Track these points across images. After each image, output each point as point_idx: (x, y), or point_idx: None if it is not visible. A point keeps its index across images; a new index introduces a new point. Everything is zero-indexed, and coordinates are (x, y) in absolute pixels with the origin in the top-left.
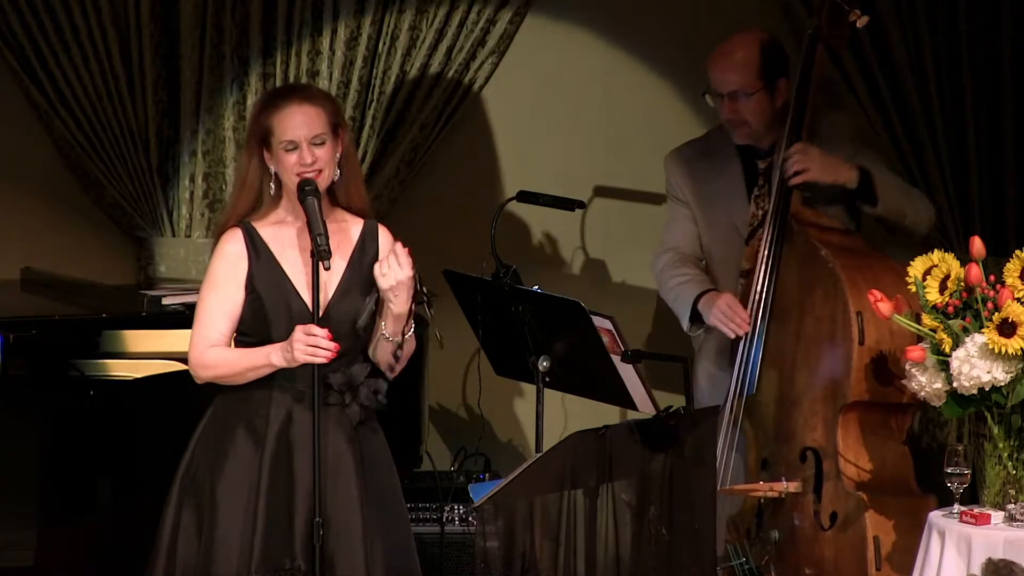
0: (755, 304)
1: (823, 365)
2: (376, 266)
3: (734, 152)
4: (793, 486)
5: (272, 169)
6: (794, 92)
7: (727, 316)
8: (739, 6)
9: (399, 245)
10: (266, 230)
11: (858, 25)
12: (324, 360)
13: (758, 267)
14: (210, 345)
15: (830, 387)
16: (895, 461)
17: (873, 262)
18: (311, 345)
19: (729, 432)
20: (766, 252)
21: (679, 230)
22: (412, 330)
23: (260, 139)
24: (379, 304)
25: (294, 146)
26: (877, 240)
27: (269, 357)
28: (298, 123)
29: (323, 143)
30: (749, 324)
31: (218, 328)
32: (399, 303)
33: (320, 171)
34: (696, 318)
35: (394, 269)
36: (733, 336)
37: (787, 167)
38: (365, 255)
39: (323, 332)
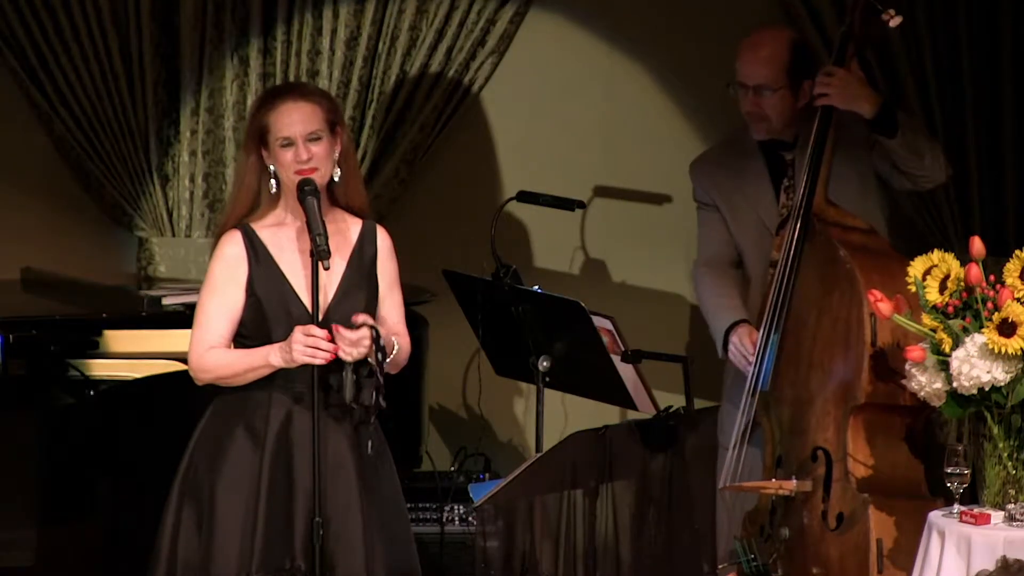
0: (773, 301)
1: (837, 366)
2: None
3: (756, 149)
4: (803, 485)
5: (271, 168)
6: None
7: (736, 349)
8: (740, 7)
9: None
10: (265, 232)
11: (891, 25)
12: (323, 361)
13: (779, 264)
14: (209, 348)
15: (842, 388)
16: (905, 464)
17: (892, 263)
18: (310, 346)
19: (740, 427)
20: (787, 250)
21: (712, 237)
22: (394, 352)
23: (258, 137)
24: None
25: (289, 142)
26: (894, 242)
27: (268, 358)
28: (293, 119)
29: (319, 139)
30: (750, 363)
31: (218, 331)
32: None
33: (316, 168)
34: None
35: (356, 346)
36: (742, 370)
37: (815, 89)
38: (364, 255)
39: (322, 333)
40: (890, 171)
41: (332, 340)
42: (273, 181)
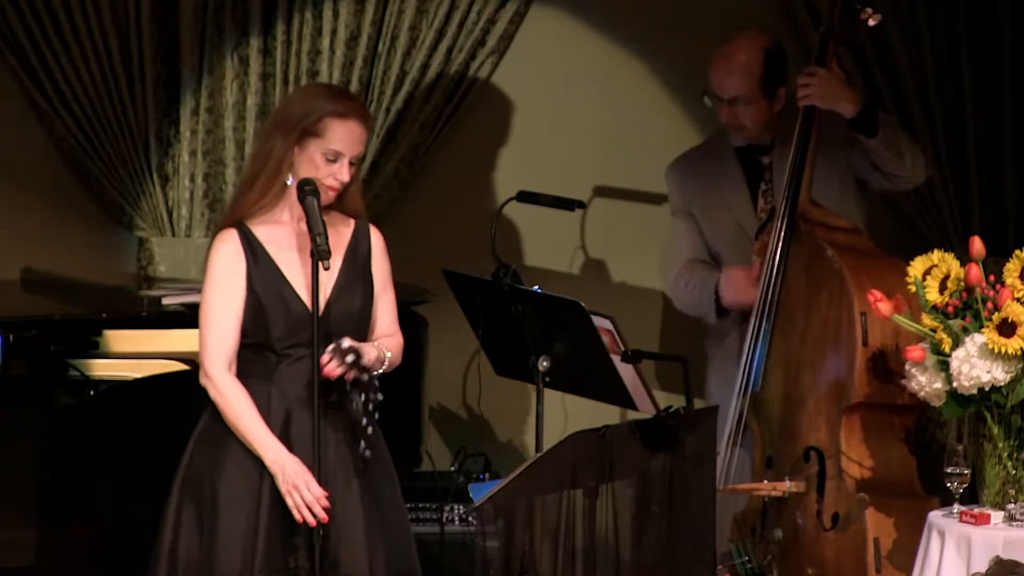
0: (761, 302)
1: (827, 365)
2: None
3: (732, 154)
4: (796, 486)
5: (292, 162)
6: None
7: (735, 288)
8: (740, 6)
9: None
10: (260, 229)
11: (870, 23)
12: (299, 518)
13: (765, 266)
14: (227, 358)
15: (834, 387)
16: (899, 462)
17: (879, 262)
18: (300, 503)
19: (732, 429)
20: (774, 251)
21: (685, 245)
22: (387, 362)
23: (302, 132)
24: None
25: (336, 157)
26: (885, 240)
27: (267, 451)
28: (353, 138)
29: (354, 165)
30: (757, 286)
31: (231, 329)
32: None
33: (341, 190)
34: (722, 308)
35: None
36: (750, 307)
37: (797, 90)
38: (359, 252)
39: (320, 494)
40: (869, 171)
41: (331, 337)
42: (290, 175)
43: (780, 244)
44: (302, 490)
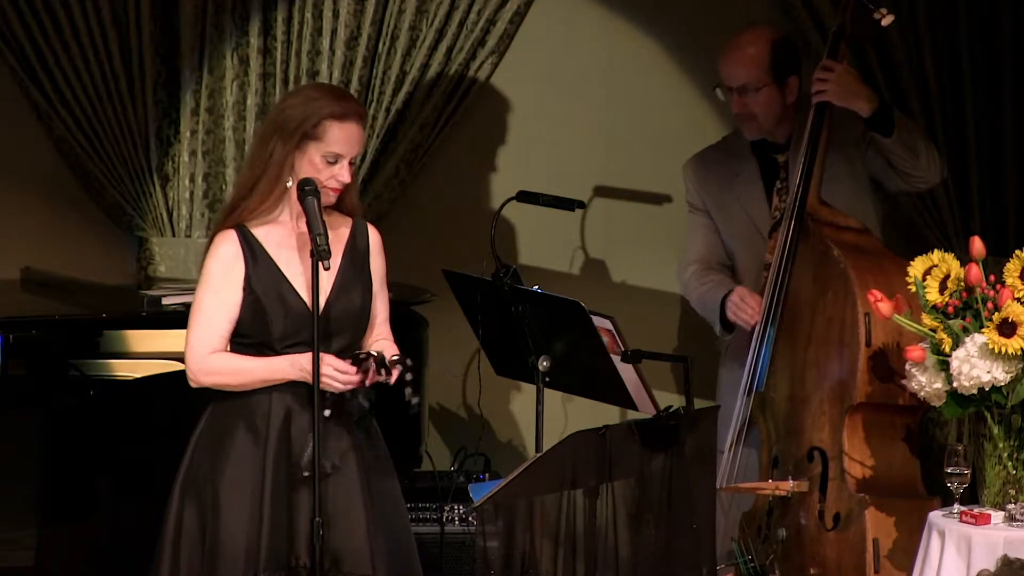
0: (768, 301)
1: (831, 365)
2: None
3: (749, 151)
4: (799, 485)
5: (291, 164)
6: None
7: (738, 307)
8: (740, 6)
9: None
10: (259, 230)
11: (883, 23)
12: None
13: (773, 264)
14: (211, 350)
15: (837, 388)
16: (901, 463)
17: (886, 263)
18: (349, 383)
19: (736, 428)
20: (781, 250)
21: (700, 240)
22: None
23: (301, 135)
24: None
25: (336, 159)
26: (884, 241)
27: (284, 371)
28: (352, 139)
29: (352, 164)
30: (759, 313)
31: (218, 331)
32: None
33: (341, 191)
34: (727, 323)
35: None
36: (748, 327)
37: (812, 86)
38: (357, 251)
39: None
40: (885, 170)
41: (331, 335)
42: (290, 178)
43: (788, 244)
44: (337, 377)
